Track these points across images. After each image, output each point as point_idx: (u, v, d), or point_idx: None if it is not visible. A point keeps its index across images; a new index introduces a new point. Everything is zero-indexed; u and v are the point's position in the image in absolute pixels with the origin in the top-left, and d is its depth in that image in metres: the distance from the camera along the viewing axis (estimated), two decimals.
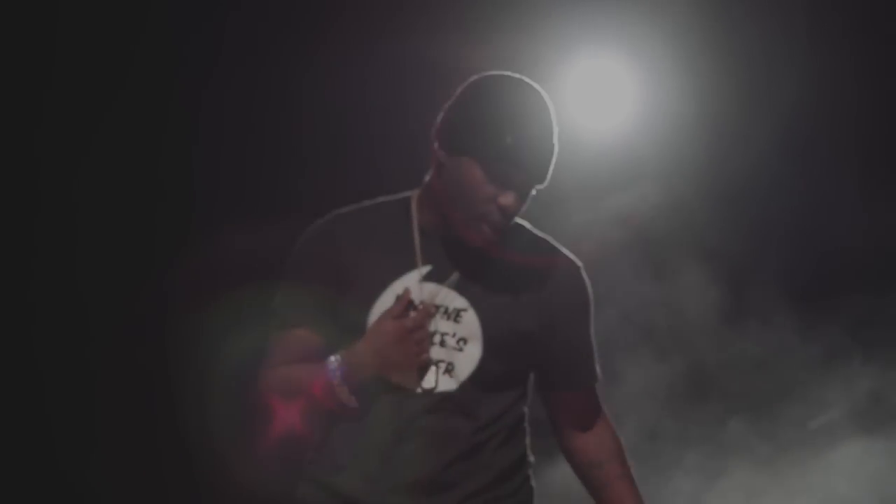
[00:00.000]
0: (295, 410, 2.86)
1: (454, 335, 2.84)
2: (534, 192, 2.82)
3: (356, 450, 2.84)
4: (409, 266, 2.85)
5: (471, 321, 2.84)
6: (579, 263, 2.97)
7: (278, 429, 2.89)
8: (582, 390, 2.99)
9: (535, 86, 2.83)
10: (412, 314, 2.80)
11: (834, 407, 4.73)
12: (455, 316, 2.84)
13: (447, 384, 2.83)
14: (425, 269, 2.85)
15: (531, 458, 2.96)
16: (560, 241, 2.98)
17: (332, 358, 2.80)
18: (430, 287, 2.83)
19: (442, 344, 2.84)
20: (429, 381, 2.82)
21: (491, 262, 2.86)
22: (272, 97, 4.84)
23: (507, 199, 2.76)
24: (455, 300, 2.84)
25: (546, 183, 2.81)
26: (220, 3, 4.81)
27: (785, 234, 4.92)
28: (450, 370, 2.83)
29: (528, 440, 2.95)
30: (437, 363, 2.83)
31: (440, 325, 2.83)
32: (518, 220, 2.91)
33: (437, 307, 2.83)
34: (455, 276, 2.85)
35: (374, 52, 4.74)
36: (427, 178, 2.89)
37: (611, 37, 4.89)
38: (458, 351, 2.84)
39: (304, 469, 2.94)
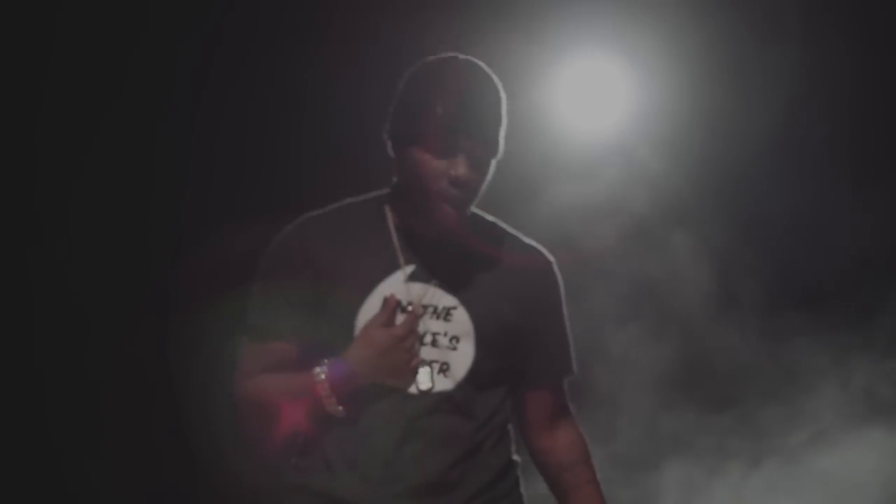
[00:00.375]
0: (301, 413, 2.80)
1: (446, 334, 2.81)
2: (492, 163, 2.79)
3: (354, 455, 2.80)
4: (393, 266, 2.82)
5: (462, 319, 2.82)
6: (551, 258, 2.97)
7: (283, 432, 2.84)
8: (554, 386, 2.98)
9: (466, 57, 2.82)
10: (400, 317, 2.78)
11: (827, 405, 4.75)
12: (445, 315, 2.82)
13: (444, 384, 2.80)
14: (409, 269, 2.82)
15: (517, 458, 2.94)
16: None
17: (318, 368, 2.76)
18: (417, 287, 2.81)
19: (434, 344, 2.81)
20: (425, 382, 2.79)
21: (471, 258, 2.85)
22: (270, 97, 4.85)
23: (456, 169, 2.73)
24: (443, 299, 2.82)
25: (498, 147, 2.78)
26: (215, 5, 4.82)
27: (781, 231, 4.93)
28: (444, 370, 2.81)
29: (513, 439, 2.95)
30: (430, 363, 2.80)
31: (430, 324, 2.81)
32: (491, 217, 2.92)
33: (425, 307, 2.81)
34: (440, 273, 2.82)
35: (368, 52, 4.75)
36: (395, 177, 2.88)
37: (604, 37, 4.90)
38: (451, 350, 2.81)
39: (292, 477, 2.88)
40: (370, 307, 2.79)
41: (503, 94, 2.81)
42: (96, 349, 4.84)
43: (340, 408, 2.76)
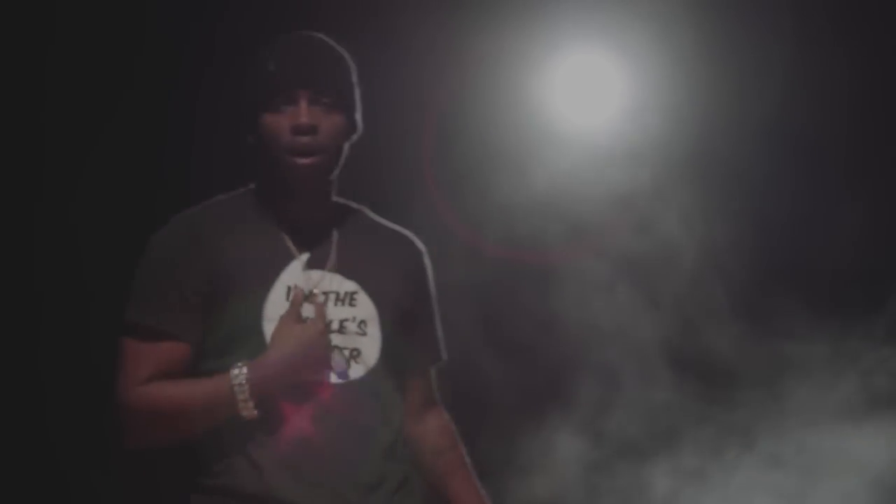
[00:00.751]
0: (209, 419, 2.71)
1: (354, 319, 2.79)
2: (343, 112, 2.81)
3: (285, 454, 2.72)
4: (287, 256, 2.79)
5: (365, 303, 2.80)
6: (422, 246, 2.97)
7: (184, 439, 2.75)
8: (426, 373, 2.98)
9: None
10: (307, 307, 2.74)
11: (823, 395, 4.77)
12: (349, 300, 2.80)
13: (357, 371, 2.78)
14: (304, 257, 2.80)
15: None
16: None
17: (235, 370, 2.68)
18: (316, 274, 2.79)
19: (341, 331, 2.78)
20: (340, 367, 2.76)
21: (355, 243, 2.85)
22: None
23: (296, 117, 2.74)
24: (344, 284, 2.80)
25: (344, 99, 2.81)
26: (216, 6, 4.83)
27: (777, 226, 4.94)
28: (356, 356, 2.78)
29: None
30: (342, 350, 2.77)
31: (334, 311, 2.78)
32: (356, 205, 2.92)
33: (326, 294, 2.78)
34: (335, 259, 2.81)
35: (363, 51, 4.76)
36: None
37: (599, 32, 4.91)
38: (361, 335, 2.79)
39: (206, 480, 2.77)
40: (275, 299, 2.75)
41: (350, 63, 2.87)
42: (99, 348, 4.84)
43: (256, 412, 2.69)
